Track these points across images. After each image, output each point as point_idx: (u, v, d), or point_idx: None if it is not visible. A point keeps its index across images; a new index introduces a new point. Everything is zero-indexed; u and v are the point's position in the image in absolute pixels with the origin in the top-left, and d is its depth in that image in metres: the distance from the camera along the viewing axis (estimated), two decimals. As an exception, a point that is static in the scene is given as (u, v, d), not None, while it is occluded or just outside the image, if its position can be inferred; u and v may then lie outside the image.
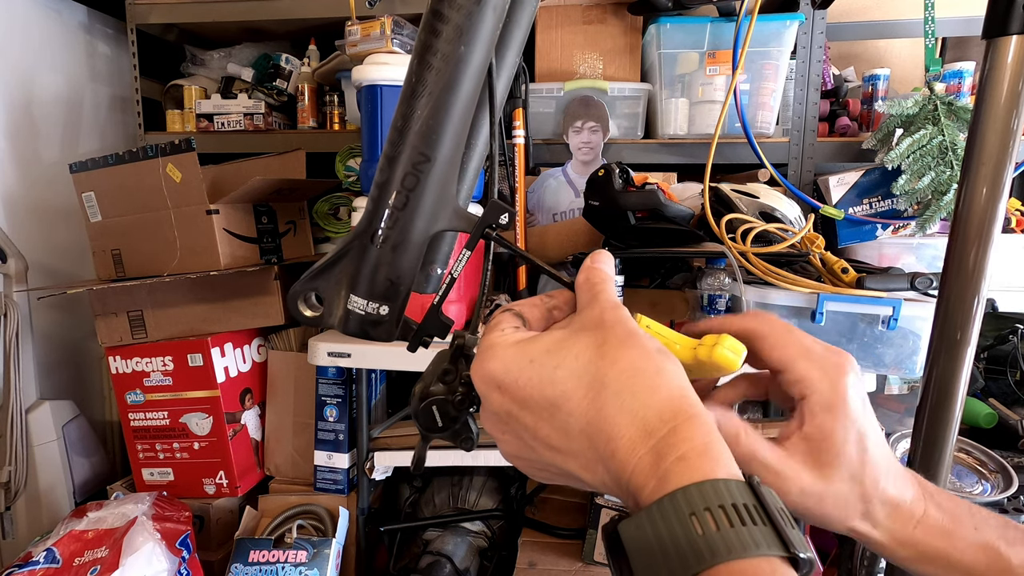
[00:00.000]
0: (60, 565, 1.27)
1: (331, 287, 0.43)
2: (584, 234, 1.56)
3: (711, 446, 0.29)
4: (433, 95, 0.38)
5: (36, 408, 1.66)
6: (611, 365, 0.31)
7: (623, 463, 0.29)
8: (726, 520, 0.26)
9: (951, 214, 1.08)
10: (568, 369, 0.32)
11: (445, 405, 0.39)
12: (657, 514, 0.27)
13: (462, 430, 0.40)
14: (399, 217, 0.40)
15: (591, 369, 0.31)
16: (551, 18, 1.72)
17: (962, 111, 1.38)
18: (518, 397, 0.33)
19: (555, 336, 0.33)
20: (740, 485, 0.27)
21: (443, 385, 0.39)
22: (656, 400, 0.30)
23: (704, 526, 0.26)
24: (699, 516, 0.26)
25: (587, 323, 0.34)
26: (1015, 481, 0.97)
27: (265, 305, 1.64)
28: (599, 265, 0.37)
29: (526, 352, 0.33)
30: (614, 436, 0.30)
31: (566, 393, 0.31)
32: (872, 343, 1.17)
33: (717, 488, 0.27)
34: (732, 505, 0.26)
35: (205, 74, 2.04)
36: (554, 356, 0.32)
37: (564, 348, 0.32)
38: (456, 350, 0.40)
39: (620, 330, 0.32)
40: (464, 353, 0.40)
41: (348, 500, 1.56)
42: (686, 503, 0.26)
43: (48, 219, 1.84)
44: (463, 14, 0.37)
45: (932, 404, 0.80)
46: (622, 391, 0.30)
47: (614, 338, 0.32)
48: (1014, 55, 0.69)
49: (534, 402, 0.32)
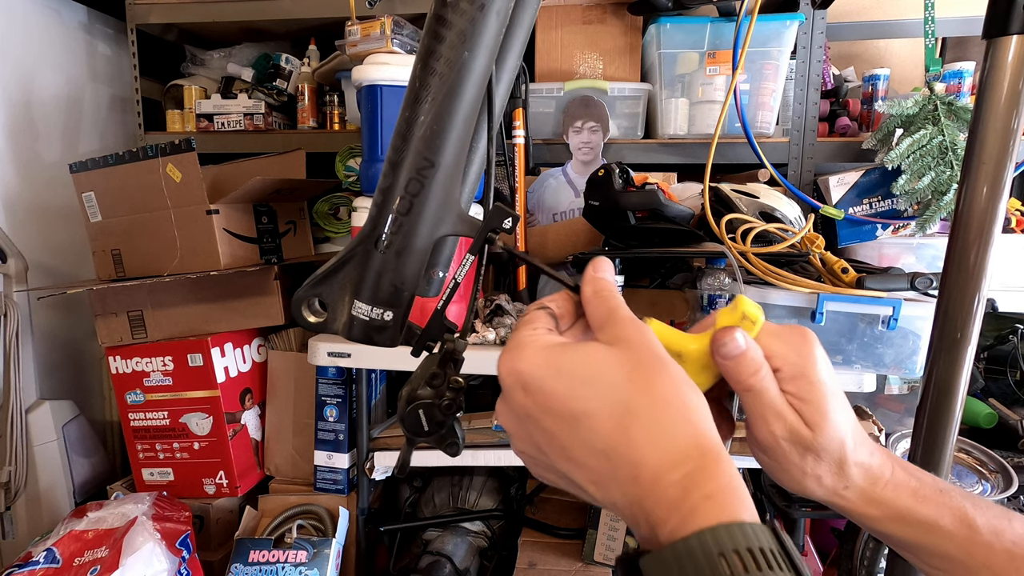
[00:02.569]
0: (60, 565, 1.27)
1: (335, 293, 0.43)
2: (584, 234, 1.56)
3: (737, 488, 0.29)
4: (437, 100, 0.38)
5: (36, 408, 1.66)
6: (641, 393, 0.31)
7: (645, 491, 0.30)
8: (753, 564, 0.27)
9: (951, 214, 1.08)
10: (596, 388, 0.32)
11: (432, 409, 0.39)
12: (684, 552, 0.27)
13: (448, 435, 0.40)
14: (403, 222, 0.40)
15: (621, 393, 0.31)
16: (551, 18, 1.72)
17: (962, 111, 1.38)
18: (542, 403, 0.33)
19: (585, 349, 0.34)
20: (764, 529, 0.28)
21: (431, 389, 0.39)
22: (684, 434, 0.30)
23: (732, 567, 0.26)
24: (727, 557, 0.27)
25: (613, 341, 0.34)
26: (1015, 481, 0.97)
27: (265, 305, 1.64)
28: (603, 275, 0.38)
29: (555, 361, 0.33)
30: (638, 463, 0.30)
31: (591, 412, 0.31)
32: (872, 343, 1.18)
33: (744, 531, 0.27)
34: (760, 549, 0.27)
35: (205, 74, 2.03)
36: (583, 370, 0.32)
37: (593, 364, 0.33)
38: (445, 354, 0.40)
39: (648, 355, 0.33)
40: (453, 357, 0.40)
41: (348, 500, 1.56)
42: (715, 543, 0.27)
43: (48, 219, 1.84)
44: (467, 19, 0.37)
45: (932, 404, 0.80)
46: (651, 421, 0.31)
47: (644, 364, 0.32)
48: (1014, 55, 0.69)
49: (557, 412, 0.32)
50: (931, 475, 0.40)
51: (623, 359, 0.32)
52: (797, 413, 0.37)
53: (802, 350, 0.38)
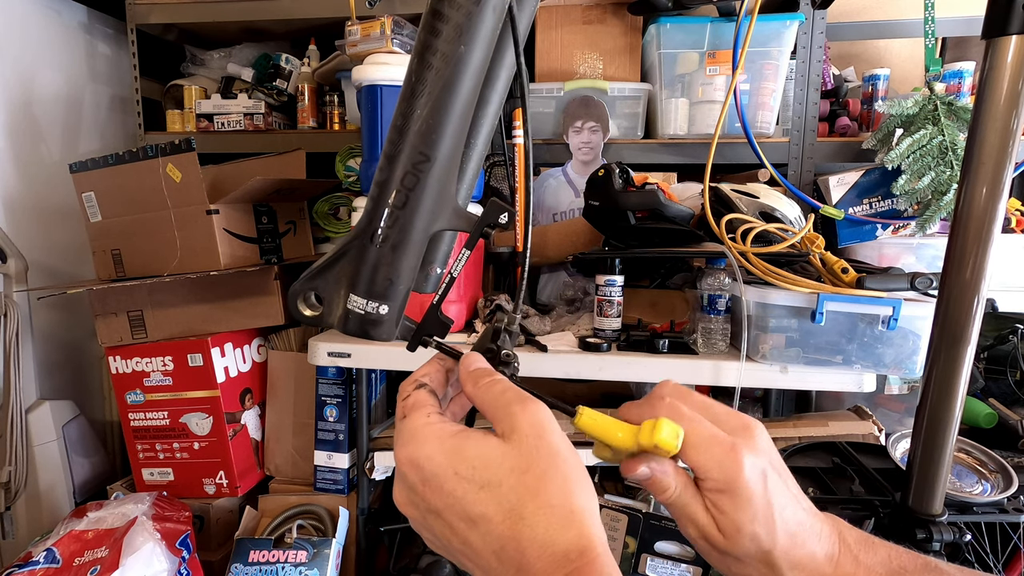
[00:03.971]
0: (60, 565, 1.27)
1: (331, 286, 0.43)
2: (584, 234, 1.56)
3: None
4: (433, 94, 0.38)
5: (36, 408, 1.66)
6: (530, 498, 0.34)
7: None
8: None
9: (951, 214, 1.08)
10: (491, 493, 0.34)
11: None
12: None
13: None
14: (399, 216, 0.40)
15: (512, 499, 0.34)
16: (551, 18, 1.72)
17: (962, 111, 1.38)
18: (441, 501, 0.35)
19: (480, 449, 0.35)
20: None
21: None
22: (566, 539, 0.33)
23: None
24: None
25: (508, 433, 0.36)
26: (1015, 481, 0.97)
27: (265, 305, 1.64)
28: (476, 366, 0.40)
29: (454, 460, 0.35)
30: (524, 567, 0.33)
31: (486, 515, 0.34)
32: (872, 343, 1.17)
33: None
34: None
35: (205, 74, 2.04)
36: (480, 475, 0.35)
37: (489, 469, 0.35)
38: (496, 331, 0.42)
39: (539, 454, 0.35)
40: (508, 330, 0.42)
41: (348, 500, 1.56)
42: None
43: (48, 219, 1.84)
44: (463, 14, 0.37)
45: (932, 404, 0.80)
46: (536, 526, 0.33)
47: (535, 467, 0.34)
48: (1014, 55, 0.69)
49: (454, 512, 0.35)
50: (886, 550, 0.41)
51: (516, 461, 0.34)
52: (713, 520, 0.39)
53: (726, 464, 0.38)
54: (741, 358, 1.23)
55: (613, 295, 1.33)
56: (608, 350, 1.31)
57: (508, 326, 0.43)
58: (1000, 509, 0.94)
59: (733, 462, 0.38)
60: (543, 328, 1.43)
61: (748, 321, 1.23)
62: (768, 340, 1.21)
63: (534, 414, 0.36)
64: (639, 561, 1.54)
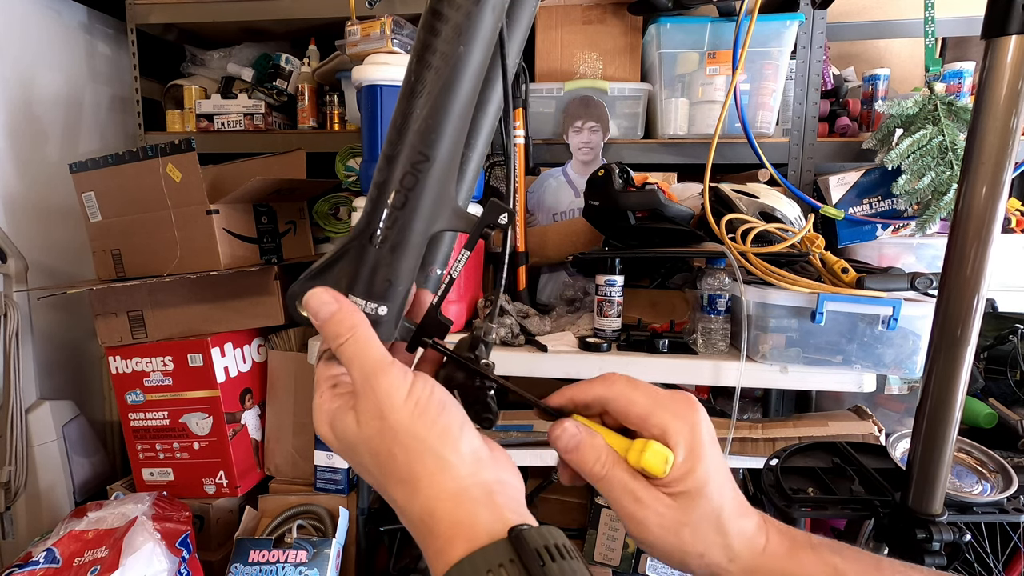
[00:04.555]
0: (60, 565, 1.27)
1: (330, 287, 0.43)
2: (584, 234, 1.56)
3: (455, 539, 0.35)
4: (432, 94, 0.38)
5: (36, 408, 1.66)
6: (386, 479, 0.39)
7: None
8: None
9: (951, 214, 1.08)
10: (366, 472, 0.40)
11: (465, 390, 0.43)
12: None
13: (482, 409, 0.44)
14: (398, 217, 0.40)
15: (377, 476, 0.39)
16: (551, 18, 1.72)
17: (962, 111, 1.38)
18: (357, 465, 0.41)
19: (344, 433, 0.40)
20: (500, 545, 0.34)
21: (463, 373, 0.43)
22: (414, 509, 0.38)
23: None
24: None
25: (360, 422, 0.39)
26: (1015, 481, 0.97)
27: (265, 305, 1.64)
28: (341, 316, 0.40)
29: (338, 436, 0.40)
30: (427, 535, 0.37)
31: (380, 484, 0.40)
32: (872, 343, 1.17)
33: (474, 561, 0.34)
34: (499, 565, 0.33)
35: (205, 74, 2.04)
36: (354, 458, 0.40)
37: (356, 452, 0.40)
38: (474, 339, 0.44)
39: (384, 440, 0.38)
40: (484, 341, 0.44)
41: (348, 500, 1.56)
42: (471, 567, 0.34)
43: (48, 219, 1.84)
44: (462, 13, 0.37)
45: (932, 404, 0.80)
46: (397, 500, 0.39)
47: (382, 450, 0.38)
48: (1014, 55, 0.69)
49: (372, 478, 0.40)
50: (799, 530, 0.43)
51: (368, 446, 0.39)
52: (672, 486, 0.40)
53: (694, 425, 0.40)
54: (741, 358, 1.23)
55: (613, 295, 1.33)
56: (608, 350, 1.31)
57: (485, 336, 0.44)
58: (1000, 509, 0.93)
59: (696, 422, 0.40)
60: (543, 328, 1.43)
61: (748, 321, 1.23)
62: (768, 340, 1.21)
63: (375, 397, 0.38)
64: (639, 561, 1.54)
